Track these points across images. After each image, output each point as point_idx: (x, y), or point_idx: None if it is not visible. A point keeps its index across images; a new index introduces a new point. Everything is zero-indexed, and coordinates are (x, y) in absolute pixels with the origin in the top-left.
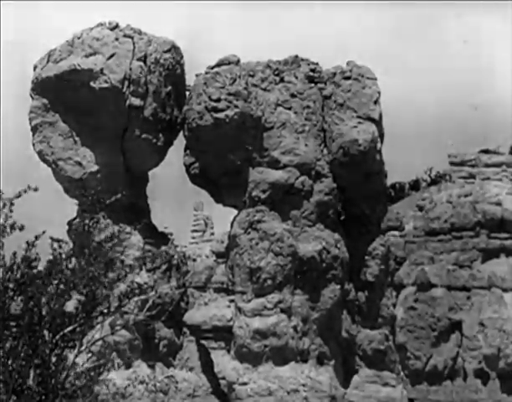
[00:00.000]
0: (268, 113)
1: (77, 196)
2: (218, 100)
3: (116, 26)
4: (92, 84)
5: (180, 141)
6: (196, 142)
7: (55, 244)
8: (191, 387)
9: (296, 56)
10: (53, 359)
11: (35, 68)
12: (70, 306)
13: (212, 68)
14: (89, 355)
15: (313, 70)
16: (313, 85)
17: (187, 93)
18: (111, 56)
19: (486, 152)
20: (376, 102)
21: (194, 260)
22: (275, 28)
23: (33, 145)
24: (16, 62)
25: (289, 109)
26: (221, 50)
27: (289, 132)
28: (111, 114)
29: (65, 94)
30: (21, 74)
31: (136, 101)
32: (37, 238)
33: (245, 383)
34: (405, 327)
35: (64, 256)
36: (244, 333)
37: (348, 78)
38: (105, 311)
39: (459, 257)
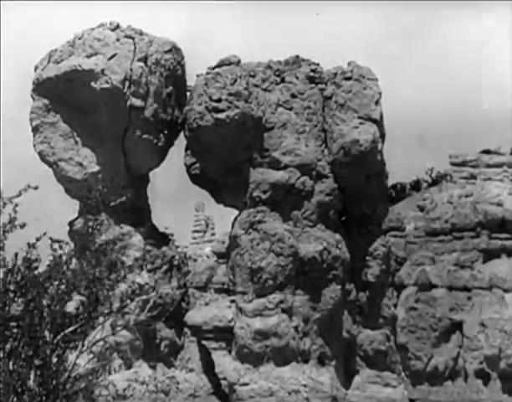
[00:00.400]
0: (269, 113)
1: (79, 196)
2: (219, 101)
3: (117, 26)
4: (93, 84)
5: (180, 142)
6: (196, 143)
7: (55, 245)
8: (192, 387)
9: (297, 56)
10: (54, 360)
11: (36, 68)
12: (71, 306)
13: (213, 68)
14: (91, 356)
15: (314, 71)
16: (314, 85)
17: (188, 93)
18: (112, 56)
19: (487, 152)
20: (376, 103)
21: (195, 260)
22: (276, 28)
23: (34, 145)
24: (16, 62)
25: (290, 109)
26: (221, 51)
27: (289, 133)
28: (112, 114)
29: (66, 94)
30: (22, 75)
31: (137, 102)
32: (38, 239)
33: (246, 384)
34: (406, 327)
35: (64, 257)
36: (245, 334)
37: (349, 78)
38: (106, 311)
39: (460, 257)
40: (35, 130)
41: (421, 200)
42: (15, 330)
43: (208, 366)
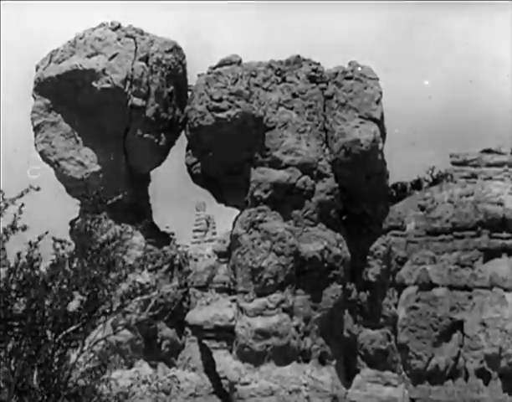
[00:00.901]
0: (270, 113)
1: (79, 196)
2: (220, 100)
3: (118, 26)
4: (94, 84)
5: (182, 141)
6: (197, 142)
7: (58, 245)
8: (193, 387)
9: (298, 56)
10: (56, 359)
11: (37, 68)
12: (73, 306)
13: (214, 68)
14: (92, 355)
15: (315, 70)
16: (315, 84)
17: (189, 93)
18: (113, 56)
19: (488, 151)
20: (377, 102)
21: (196, 259)
22: (276, 28)
23: (36, 145)
24: (17, 62)
25: (291, 109)
26: (223, 50)
27: (290, 132)
28: (113, 114)
29: (67, 94)
30: (22, 75)
31: (138, 101)
32: (40, 238)
33: (247, 383)
34: (406, 326)
35: (66, 257)
36: (246, 333)
37: (350, 78)
38: (108, 311)
39: (461, 257)
40: (36, 129)
41: (421, 199)
42: (17, 329)
43: (209, 365)
